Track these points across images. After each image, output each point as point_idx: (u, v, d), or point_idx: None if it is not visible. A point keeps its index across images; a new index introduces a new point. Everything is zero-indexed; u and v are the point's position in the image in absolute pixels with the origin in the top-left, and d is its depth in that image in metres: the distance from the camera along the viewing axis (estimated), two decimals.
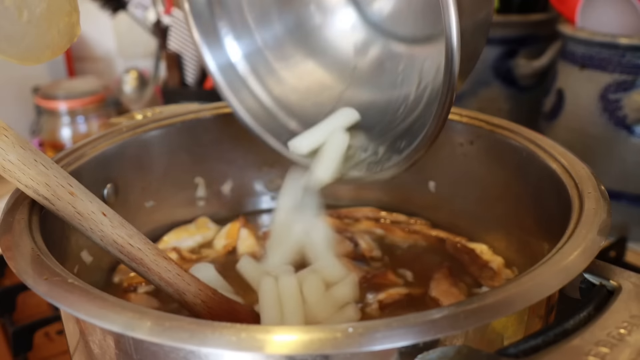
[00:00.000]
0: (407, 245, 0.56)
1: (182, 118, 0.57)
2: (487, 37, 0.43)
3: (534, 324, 0.33)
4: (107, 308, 0.28)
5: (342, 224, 0.59)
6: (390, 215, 0.60)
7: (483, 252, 0.53)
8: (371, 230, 0.58)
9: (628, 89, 0.65)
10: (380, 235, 0.57)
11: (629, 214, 0.69)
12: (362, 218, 0.60)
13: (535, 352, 0.28)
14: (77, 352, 0.35)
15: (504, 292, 0.29)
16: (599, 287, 0.33)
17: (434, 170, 0.58)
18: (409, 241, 0.57)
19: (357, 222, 0.60)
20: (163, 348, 0.29)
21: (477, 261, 0.52)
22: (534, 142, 0.48)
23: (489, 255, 0.53)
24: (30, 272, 0.31)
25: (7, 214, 0.37)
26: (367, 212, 0.61)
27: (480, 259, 0.52)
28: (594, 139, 0.68)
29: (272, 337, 0.26)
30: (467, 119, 0.54)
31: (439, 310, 0.27)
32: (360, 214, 0.61)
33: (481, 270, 0.51)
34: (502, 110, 0.91)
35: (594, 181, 0.40)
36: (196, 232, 0.58)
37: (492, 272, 0.50)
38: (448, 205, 0.58)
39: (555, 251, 0.32)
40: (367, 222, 0.59)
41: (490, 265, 0.51)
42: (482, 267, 0.51)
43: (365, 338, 0.26)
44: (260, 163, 0.62)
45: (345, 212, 0.61)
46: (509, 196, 0.51)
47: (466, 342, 0.29)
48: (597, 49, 0.67)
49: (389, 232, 0.58)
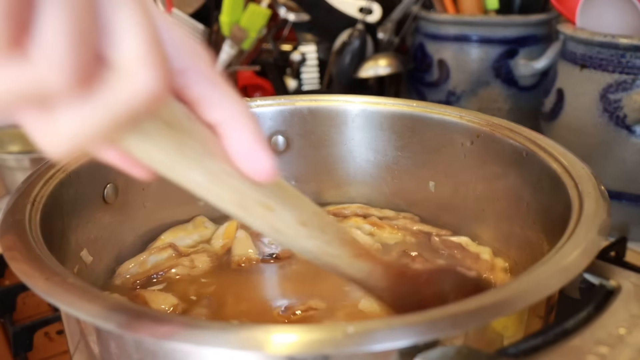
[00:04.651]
0: (395, 242, 0.56)
1: None
2: None
3: (534, 324, 0.33)
4: (107, 308, 0.28)
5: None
6: (380, 212, 0.61)
7: (469, 245, 0.53)
8: (360, 226, 0.58)
9: (628, 89, 0.65)
10: (370, 232, 0.57)
11: (629, 214, 0.69)
12: (351, 215, 0.60)
13: (535, 352, 0.28)
14: (77, 352, 0.35)
15: (504, 292, 0.29)
16: (599, 287, 0.33)
17: (434, 170, 0.58)
18: (396, 237, 0.57)
19: (346, 218, 0.60)
20: (163, 348, 0.29)
21: (469, 254, 0.52)
22: (534, 142, 0.48)
23: (474, 246, 0.53)
24: (30, 272, 0.31)
25: (7, 214, 0.37)
26: (356, 208, 0.61)
27: (470, 252, 0.52)
28: (594, 139, 0.68)
29: (272, 337, 0.26)
30: (467, 119, 0.54)
31: (439, 310, 0.27)
32: (349, 211, 0.61)
33: (477, 263, 0.51)
34: (502, 110, 0.91)
35: (594, 181, 0.40)
36: (193, 231, 0.58)
37: (488, 264, 0.51)
38: (448, 205, 0.58)
39: (555, 251, 0.32)
40: (355, 218, 0.59)
41: (483, 256, 0.51)
42: (477, 260, 0.51)
43: (365, 338, 0.26)
44: None
45: (334, 211, 0.61)
46: (508, 196, 0.51)
47: (466, 342, 0.29)
48: (597, 49, 0.67)
49: (378, 228, 0.58)
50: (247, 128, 0.27)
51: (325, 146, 0.62)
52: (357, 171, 0.62)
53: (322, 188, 0.63)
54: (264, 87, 1.01)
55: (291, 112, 0.61)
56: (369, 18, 0.97)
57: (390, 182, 0.61)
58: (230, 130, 0.27)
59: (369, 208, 0.61)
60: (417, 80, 0.98)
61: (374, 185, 0.62)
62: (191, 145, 0.26)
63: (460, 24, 0.90)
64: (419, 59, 0.96)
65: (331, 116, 0.61)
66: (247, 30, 0.94)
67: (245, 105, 0.27)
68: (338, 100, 0.60)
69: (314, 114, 0.61)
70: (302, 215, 0.31)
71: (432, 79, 0.94)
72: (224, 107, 0.27)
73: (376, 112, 0.59)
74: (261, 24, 0.95)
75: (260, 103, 0.60)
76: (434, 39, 0.93)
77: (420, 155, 0.58)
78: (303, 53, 1.00)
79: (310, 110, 0.61)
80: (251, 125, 0.27)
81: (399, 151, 0.59)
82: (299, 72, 1.00)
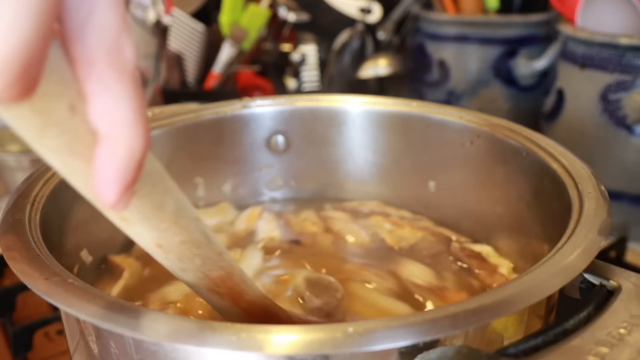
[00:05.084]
0: (415, 241, 0.56)
1: (182, 118, 0.57)
2: None
3: (534, 324, 0.33)
4: (107, 308, 0.28)
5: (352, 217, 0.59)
6: (397, 212, 0.60)
7: (490, 256, 0.51)
8: (380, 225, 0.58)
9: (628, 89, 0.65)
10: (389, 230, 0.57)
11: (629, 214, 0.69)
12: (370, 213, 0.60)
13: (535, 352, 0.28)
14: (77, 352, 0.35)
15: (504, 292, 0.29)
16: (599, 287, 0.33)
17: (434, 170, 0.58)
18: (416, 237, 0.56)
19: (367, 217, 0.59)
20: (163, 348, 0.29)
21: (486, 266, 0.50)
22: (534, 142, 0.48)
23: (495, 258, 0.51)
24: (30, 272, 0.31)
25: (7, 214, 0.37)
26: (374, 206, 0.60)
27: (489, 263, 0.50)
28: (594, 139, 0.68)
29: (272, 337, 0.26)
30: (467, 119, 0.54)
31: (439, 310, 0.27)
32: (367, 208, 0.60)
33: (491, 277, 0.49)
34: (502, 110, 0.91)
35: (594, 181, 0.40)
36: (215, 215, 0.59)
37: (503, 279, 0.49)
38: (448, 205, 0.58)
39: (555, 251, 0.32)
40: (375, 217, 0.59)
41: (500, 270, 0.50)
42: (492, 273, 0.49)
43: (365, 338, 0.26)
44: (260, 163, 0.62)
45: (350, 206, 0.61)
46: (508, 196, 0.51)
47: (466, 342, 0.29)
48: (597, 49, 0.67)
49: (398, 226, 0.57)
50: (115, 153, 0.22)
51: (325, 146, 0.62)
52: (356, 171, 0.62)
53: (322, 188, 0.63)
54: (264, 87, 1.01)
55: (291, 112, 0.61)
56: (369, 18, 0.98)
57: (390, 182, 0.61)
58: (100, 149, 0.22)
59: (386, 206, 0.61)
60: (417, 80, 0.98)
61: (373, 185, 0.62)
62: (53, 136, 0.22)
63: (460, 24, 0.90)
64: (419, 59, 0.96)
65: (331, 116, 0.61)
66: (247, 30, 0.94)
67: (133, 114, 0.22)
68: (338, 100, 0.60)
69: (314, 114, 0.61)
70: (161, 239, 0.29)
71: (432, 79, 0.94)
72: (105, 111, 0.22)
73: (376, 112, 0.59)
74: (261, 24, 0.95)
75: (260, 103, 0.60)
76: (434, 39, 0.93)
77: (420, 155, 0.58)
78: (303, 53, 1.00)
79: (310, 110, 0.61)
80: (122, 150, 0.22)
81: (399, 151, 0.59)
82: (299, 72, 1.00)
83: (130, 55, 0.21)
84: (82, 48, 0.20)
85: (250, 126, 0.60)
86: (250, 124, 0.60)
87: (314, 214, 0.60)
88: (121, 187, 0.23)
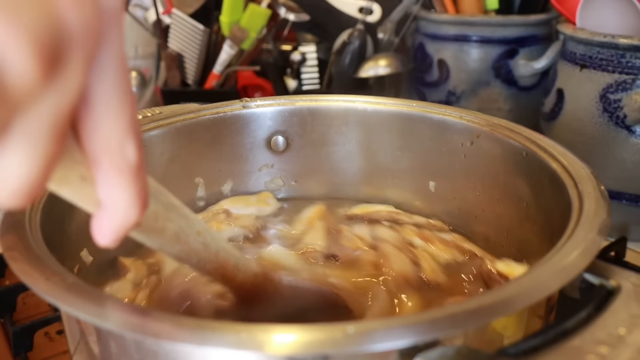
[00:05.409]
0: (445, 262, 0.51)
1: (182, 118, 0.57)
2: None
3: (534, 324, 0.33)
4: (107, 308, 0.28)
5: (398, 235, 0.54)
6: (411, 218, 0.57)
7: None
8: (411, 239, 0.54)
9: (628, 89, 0.65)
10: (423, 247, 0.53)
11: (629, 214, 0.69)
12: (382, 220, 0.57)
13: (535, 352, 0.28)
14: (77, 352, 0.35)
15: (504, 292, 0.29)
16: (599, 287, 0.33)
17: (434, 170, 0.58)
18: (446, 256, 0.52)
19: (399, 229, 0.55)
20: (163, 348, 0.29)
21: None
22: (534, 142, 0.48)
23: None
24: (30, 272, 0.31)
25: (7, 214, 0.37)
26: (386, 214, 0.58)
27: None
28: (594, 139, 0.68)
29: (272, 337, 0.26)
30: (467, 119, 0.54)
31: (438, 310, 0.27)
32: (380, 216, 0.58)
33: None
34: (502, 110, 0.91)
35: (594, 181, 0.40)
36: (254, 204, 0.58)
37: None
38: (448, 205, 0.58)
39: (555, 251, 0.32)
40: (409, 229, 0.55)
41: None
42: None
43: (365, 338, 0.26)
44: (260, 163, 0.62)
45: (362, 214, 0.59)
46: (508, 196, 0.51)
47: (466, 342, 0.29)
48: (597, 49, 0.67)
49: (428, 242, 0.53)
50: (113, 219, 0.25)
51: (325, 146, 0.62)
52: (356, 171, 0.62)
53: (322, 188, 0.63)
54: (264, 87, 1.01)
55: (291, 112, 0.61)
56: (369, 18, 0.97)
57: (390, 182, 0.61)
58: (101, 212, 0.25)
59: (399, 213, 0.58)
60: (417, 80, 0.98)
61: (373, 185, 0.62)
62: (66, 193, 0.25)
63: (460, 24, 0.90)
64: (419, 59, 0.96)
65: (331, 116, 0.61)
66: (247, 30, 0.94)
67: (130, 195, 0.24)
68: (338, 100, 0.61)
69: (314, 114, 0.61)
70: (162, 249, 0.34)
71: (432, 79, 0.94)
72: (107, 194, 0.24)
73: (376, 112, 0.59)
74: (261, 24, 0.95)
75: (260, 103, 0.60)
76: (434, 39, 0.93)
77: (420, 155, 0.58)
78: (303, 53, 1.00)
79: (310, 110, 0.61)
80: (119, 219, 0.25)
81: (399, 151, 0.59)
82: (299, 72, 1.00)
83: (132, 153, 0.24)
84: (89, 150, 0.23)
85: (250, 126, 0.60)
86: (250, 124, 0.60)
87: (367, 232, 0.56)
88: (114, 239, 0.26)
